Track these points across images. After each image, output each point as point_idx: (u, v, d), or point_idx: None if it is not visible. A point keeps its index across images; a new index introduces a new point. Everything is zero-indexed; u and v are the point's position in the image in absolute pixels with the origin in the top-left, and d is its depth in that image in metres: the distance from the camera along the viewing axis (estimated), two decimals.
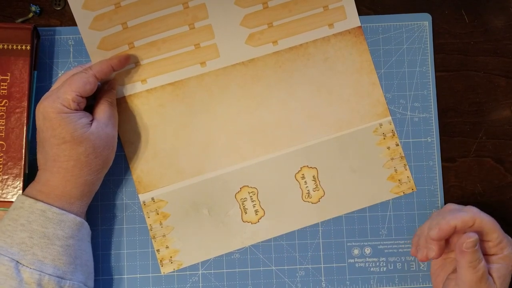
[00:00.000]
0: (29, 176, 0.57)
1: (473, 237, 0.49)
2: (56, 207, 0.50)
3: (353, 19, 0.60)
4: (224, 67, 0.59)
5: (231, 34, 0.58)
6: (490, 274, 0.51)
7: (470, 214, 0.51)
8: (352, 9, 0.60)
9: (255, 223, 0.59)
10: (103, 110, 0.54)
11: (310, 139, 0.59)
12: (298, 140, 0.59)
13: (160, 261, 0.58)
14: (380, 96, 0.60)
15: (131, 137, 0.58)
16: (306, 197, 0.59)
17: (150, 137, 0.58)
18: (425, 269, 0.59)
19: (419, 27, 0.61)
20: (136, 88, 0.58)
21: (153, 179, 0.58)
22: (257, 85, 0.59)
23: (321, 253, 0.59)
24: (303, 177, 0.59)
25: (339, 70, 0.60)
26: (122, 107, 0.58)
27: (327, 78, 0.60)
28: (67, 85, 0.51)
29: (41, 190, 0.51)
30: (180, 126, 0.59)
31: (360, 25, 0.60)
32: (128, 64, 0.57)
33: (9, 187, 0.55)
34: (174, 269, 0.58)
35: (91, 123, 0.52)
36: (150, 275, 0.58)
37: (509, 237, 0.53)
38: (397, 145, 0.60)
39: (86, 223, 0.53)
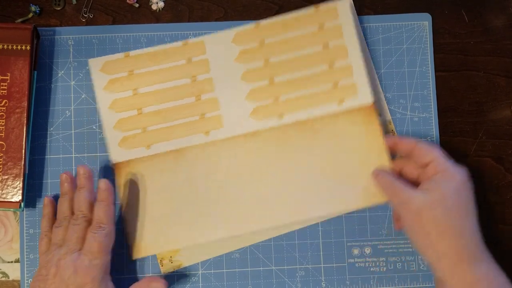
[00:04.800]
0: (29, 176, 0.57)
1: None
2: None
3: (365, 96, 0.57)
4: (227, 138, 0.58)
5: (236, 107, 0.58)
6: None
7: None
8: (364, 86, 0.57)
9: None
10: None
11: (311, 214, 0.57)
12: (299, 215, 0.57)
13: (160, 261, 0.58)
14: None
15: (131, 201, 0.58)
16: None
17: (149, 202, 0.57)
18: (425, 269, 0.59)
19: (419, 27, 0.61)
20: (140, 153, 0.58)
21: (148, 244, 0.57)
22: (260, 158, 0.58)
23: (321, 253, 0.59)
24: None
25: (347, 148, 0.57)
26: (125, 170, 0.58)
27: (333, 155, 0.57)
28: None
29: None
30: (179, 193, 0.58)
31: (372, 102, 0.57)
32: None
33: (9, 187, 0.55)
34: (174, 269, 0.58)
35: None
36: (150, 275, 0.58)
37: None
38: None
39: None
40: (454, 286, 0.49)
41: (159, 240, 0.57)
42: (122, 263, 0.58)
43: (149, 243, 0.57)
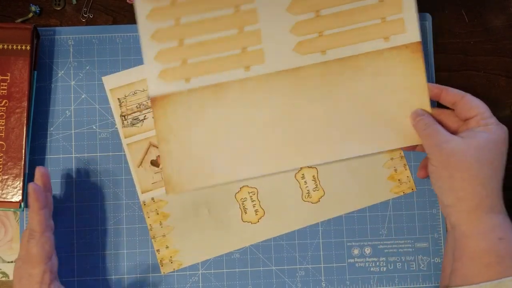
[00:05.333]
0: (29, 176, 0.57)
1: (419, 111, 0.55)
2: None
3: (412, 33, 0.56)
4: (268, 74, 0.57)
5: (279, 40, 0.57)
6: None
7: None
8: (412, 22, 0.56)
9: (255, 223, 0.59)
10: None
11: (348, 154, 0.57)
12: (335, 154, 0.57)
13: (160, 261, 0.58)
14: None
15: (167, 135, 0.57)
16: (306, 197, 0.59)
17: (185, 137, 0.57)
18: (425, 268, 0.59)
19: None
20: (179, 86, 0.57)
21: (183, 180, 0.57)
22: (300, 95, 0.57)
23: (321, 253, 0.59)
24: (303, 177, 0.59)
25: (388, 87, 0.56)
26: (162, 103, 0.57)
27: (374, 94, 0.56)
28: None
29: None
30: (217, 129, 0.57)
31: (419, 40, 0.57)
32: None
33: (9, 187, 0.55)
34: (174, 269, 0.58)
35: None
36: (150, 275, 0.58)
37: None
38: None
39: None
40: (465, 231, 0.49)
41: (196, 175, 0.57)
42: (122, 264, 0.58)
43: (186, 178, 0.57)
